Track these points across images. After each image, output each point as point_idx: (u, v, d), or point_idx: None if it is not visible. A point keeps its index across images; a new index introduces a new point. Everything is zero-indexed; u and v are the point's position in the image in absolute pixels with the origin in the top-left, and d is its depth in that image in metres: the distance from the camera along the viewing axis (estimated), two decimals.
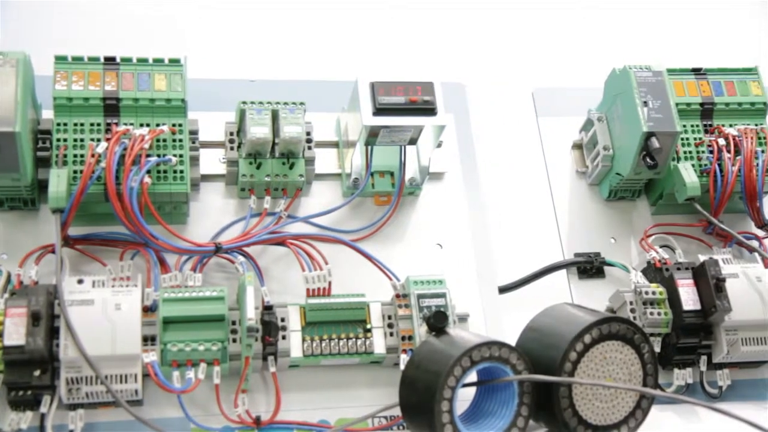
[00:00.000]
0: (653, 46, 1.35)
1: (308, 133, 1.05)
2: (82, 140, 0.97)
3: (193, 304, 0.91)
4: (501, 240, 1.13)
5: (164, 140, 0.98)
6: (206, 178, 1.06)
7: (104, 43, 1.11)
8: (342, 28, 1.26)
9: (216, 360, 0.90)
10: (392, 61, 1.22)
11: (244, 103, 1.03)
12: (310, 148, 1.05)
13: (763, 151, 1.12)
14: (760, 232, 1.15)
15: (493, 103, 1.22)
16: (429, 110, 1.01)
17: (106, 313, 0.88)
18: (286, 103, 1.03)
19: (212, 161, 1.06)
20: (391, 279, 1.01)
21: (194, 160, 1.02)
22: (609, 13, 1.39)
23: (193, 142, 1.01)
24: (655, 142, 1.06)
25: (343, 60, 1.22)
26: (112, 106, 0.98)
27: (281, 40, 1.24)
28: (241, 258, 0.99)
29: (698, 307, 1.03)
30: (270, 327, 0.94)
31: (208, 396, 0.92)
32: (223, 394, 0.91)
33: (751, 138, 1.12)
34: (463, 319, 1.02)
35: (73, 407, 0.90)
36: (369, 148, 1.06)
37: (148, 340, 0.90)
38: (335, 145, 1.11)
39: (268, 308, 0.95)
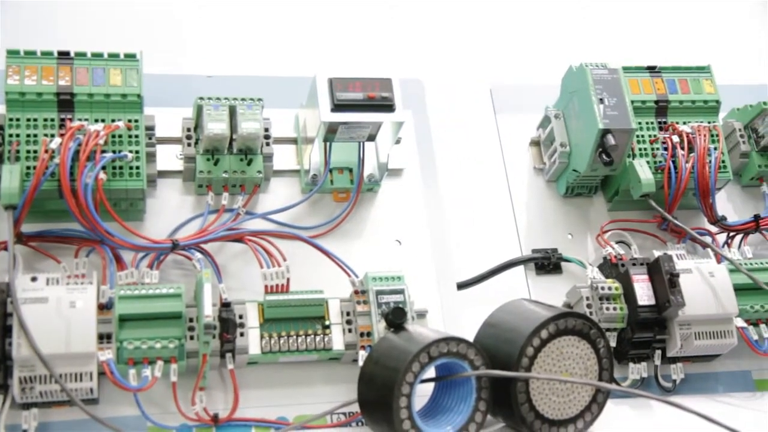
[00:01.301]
0: (609, 44, 1.37)
1: (266, 129, 1.05)
2: (35, 136, 0.95)
3: (150, 301, 0.90)
4: (459, 236, 1.14)
5: (120, 136, 0.97)
6: (163, 174, 1.05)
7: (58, 37, 1.09)
8: (300, 23, 1.26)
9: (173, 357, 0.89)
10: (350, 57, 1.22)
11: (201, 98, 1.02)
12: (268, 144, 1.05)
13: (715, 148, 1.14)
14: (713, 228, 1.17)
15: (451, 100, 1.23)
16: (387, 106, 1.01)
17: (60, 311, 0.87)
18: (243, 99, 1.03)
19: (169, 157, 1.05)
20: (349, 275, 1.01)
21: (151, 156, 1.00)
22: (566, 11, 1.40)
23: (150, 138, 1.00)
24: (610, 139, 1.08)
25: (301, 56, 1.21)
26: (66, 102, 0.97)
27: (239, 35, 1.23)
28: (198, 255, 0.99)
29: (653, 302, 1.05)
30: (228, 324, 0.93)
31: (165, 394, 0.91)
32: (181, 392, 0.90)
33: (704, 135, 1.14)
34: (421, 315, 1.02)
35: (27, 406, 0.88)
36: (327, 144, 1.05)
37: (103, 337, 0.88)
38: (294, 141, 1.11)
39: (225, 305, 0.95)
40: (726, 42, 1.44)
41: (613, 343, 1.05)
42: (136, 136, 0.98)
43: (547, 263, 1.15)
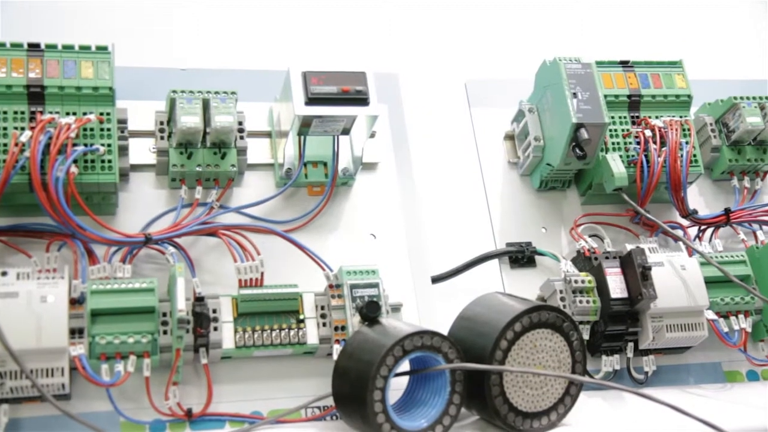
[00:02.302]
0: (583, 38, 1.37)
1: (240, 123, 1.04)
2: (5, 129, 0.94)
3: (122, 295, 0.90)
4: (434, 230, 1.14)
5: (91, 129, 0.96)
6: (136, 168, 1.04)
7: (28, 28, 1.08)
8: (274, 17, 1.25)
9: (146, 352, 0.89)
10: (325, 50, 1.22)
11: (175, 91, 1.01)
12: (242, 137, 1.04)
13: (687, 143, 1.15)
14: (685, 222, 1.18)
15: (426, 94, 1.23)
16: (361, 100, 1.01)
17: (31, 305, 0.86)
18: (217, 93, 1.02)
19: (142, 151, 1.04)
20: (324, 269, 1.01)
21: (123, 150, 1.00)
22: (541, 6, 1.40)
23: (122, 132, 1.00)
24: (584, 133, 1.08)
25: (275, 49, 1.21)
26: (36, 94, 0.96)
27: (213, 28, 1.22)
28: (171, 249, 0.98)
29: (625, 295, 1.06)
30: (201, 318, 0.93)
31: (138, 389, 0.91)
32: (154, 387, 0.90)
33: (676, 130, 1.15)
34: (396, 308, 1.02)
35: None
36: (302, 138, 1.05)
37: (75, 332, 0.88)
38: (268, 135, 1.11)
39: (199, 299, 0.94)
40: (697, 37, 1.45)
41: (586, 336, 1.06)
42: (108, 130, 0.97)
43: (521, 257, 1.15)
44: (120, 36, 1.03)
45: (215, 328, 0.94)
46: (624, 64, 1.19)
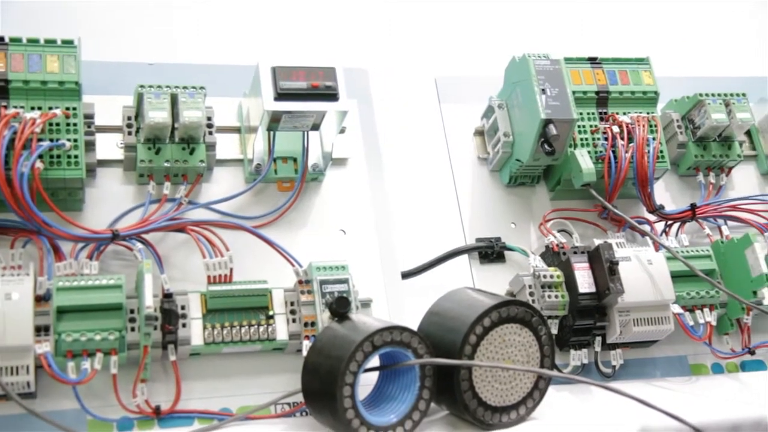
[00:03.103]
0: (552, 35, 1.38)
1: (209, 118, 1.03)
2: None
3: (89, 292, 0.89)
4: (404, 226, 1.14)
5: (57, 124, 0.95)
6: (103, 163, 1.03)
7: None
8: (243, 11, 1.24)
9: (113, 350, 0.88)
10: (294, 46, 1.21)
11: (142, 86, 1.00)
12: (211, 133, 1.04)
13: (654, 139, 1.16)
14: (652, 217, 1.19)
15: (396, 90, 1.23)
16: (331, 95, 1.01)
17: None
18: (185, 88, 1.01)
19: (109, 146, 1.03)
20: (293, 265, 1.00)
21: (90, 145, 0.99)
22: (510, 2, 1.41)
23: (89, 127, 0.99)
24: (552, 129, 1.09)
25: (244, 44, 1.20)
26: (0, 88, 0.94)
27: (181, 22, 1.21)
28: (139, 245, 0.97)
29: (593, 289, 1.06)
30: (170, 315, 0.93)
31: (105, 387, 0.90)
32: (121, 384, 0.89)
33: (643, 126, 1.16)
34: (366, 304, 1.02)
35: None
36: (271, 133, 1.05)
37: (41, 330, 0.87)
38: (237, 130, 1.10)
39: (167, 296, 0.94)
40: (664, 34, 1.46)
41: (554, 331, 1.06)
42: (75, 125, 0.96)
43: (490, 252, 1.16)
44: (87, 30, 1.02)
45: (184, 325, 0.93)
46: (592, 60, 1.20)
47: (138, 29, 1.19)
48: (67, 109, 0.96)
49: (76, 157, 0.95)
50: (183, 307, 0.94)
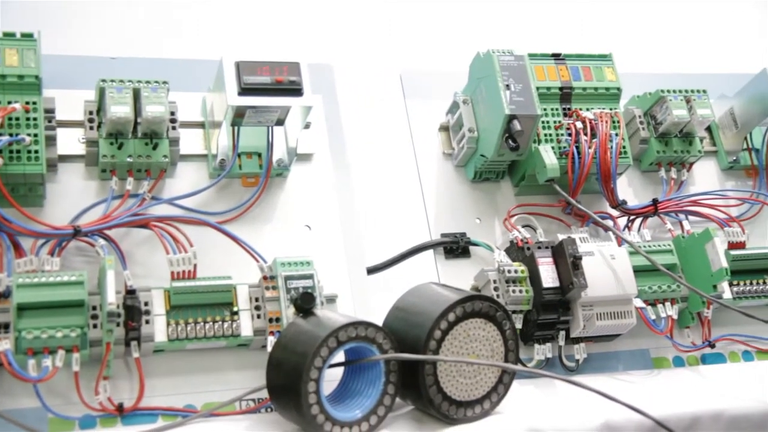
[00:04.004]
0: (516, 31, 1.39)
1: (172, 113, 1.03)
2: None
3: (50, 289, 0.88)
4: (369, 221, 1.14)
5: (17, 119, 0.94)
6: (64, 158, 1.02)
7: None
8: (208, 5, 1.23)
9: (75, 347, 0.87)
10: (258, 40, 1.21)
11: (104, 81, 1.00)
12: (174, 128, 1.03)
13: (616, 134, 1.18)
14: (615, 212, 1.20)
15: (361, 85, 1.22)
16: (295, 90, 1.00)
17: None
18: (148, 82, 1.00)
19: (71, 141, 1.02)
20: (258, 261, 1.00)
21: (51, 140, 0.98)
22: None
23: (50, 121, 0.98)
24: (516, 125, 1.09)
25: (208, 38, 1.19)
26: None
27: (144, 16, 1.20)
28: (102, 241, 0.96)
29: (557, 284, 1.07)
30: (133, 311, 0.92)
31: (66, 384, 0.89)
32: (83, 382, 0.88)
33: (606, 121, 1.17)
34: (331, 300, 1.02)
35: None
36: (236, 128, 1.04)
37: (1, 327, 0.86)
38: (201, 125, 1.09)
39: (130, 292, 0.93)
40: (626, 31, 1.48)
41: (518, 325, 1.07)
42: (35, 119, 0.95)
43: (455, 247, 1.16)
44: (47, 23, 1.01)
45: (147, 321, 0.92)
46: (556, 56, 1.21)
47: (100, 22, 1.18)
48: (27, 103, 0.95)
49: (36, 152, 0.94)
50: (146, 304, 0.93)
